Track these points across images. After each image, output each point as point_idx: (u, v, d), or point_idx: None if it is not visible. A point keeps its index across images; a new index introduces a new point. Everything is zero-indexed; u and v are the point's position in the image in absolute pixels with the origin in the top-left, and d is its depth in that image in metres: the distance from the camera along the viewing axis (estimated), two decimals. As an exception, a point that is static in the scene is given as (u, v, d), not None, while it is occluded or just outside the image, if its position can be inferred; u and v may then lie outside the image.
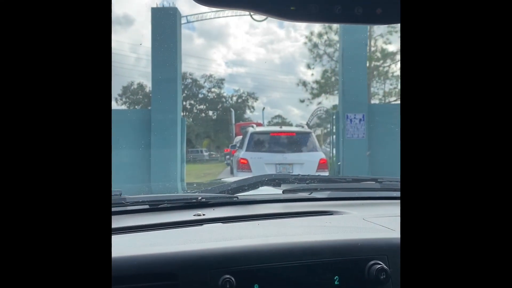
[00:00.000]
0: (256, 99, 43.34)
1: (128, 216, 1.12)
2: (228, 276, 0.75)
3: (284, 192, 1.36)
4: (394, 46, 15.48)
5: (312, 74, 17.69)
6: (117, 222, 1.01)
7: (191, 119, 39.64)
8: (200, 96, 42.14)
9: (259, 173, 5.87)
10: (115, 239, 0.79)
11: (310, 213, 1.15)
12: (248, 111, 42.80)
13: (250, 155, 6.03)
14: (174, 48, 8.06)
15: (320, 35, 16.49)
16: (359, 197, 1.36)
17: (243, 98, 43.02)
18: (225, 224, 1.03)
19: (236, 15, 15.65)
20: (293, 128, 7.42)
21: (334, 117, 8.97)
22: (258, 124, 13.50)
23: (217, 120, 40.31)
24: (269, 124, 24.24)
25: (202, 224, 1.03)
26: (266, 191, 1.47)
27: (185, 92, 41.34)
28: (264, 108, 18.19)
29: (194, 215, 1.09)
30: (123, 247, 0.82)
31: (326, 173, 6.24)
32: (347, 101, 8.06)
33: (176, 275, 0.75)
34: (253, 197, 1.33)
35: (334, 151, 8.81)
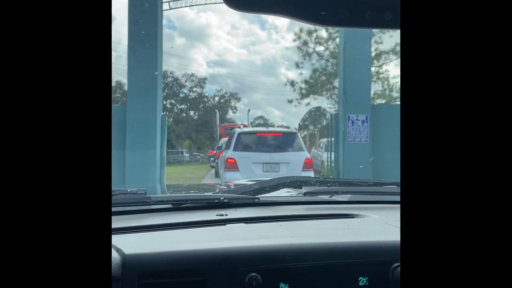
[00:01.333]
0: (238, 99, 42.59)
1: (153, 214, 1.15)
2: (254, 274, 0.77)
3: (305, 194, 1.37)
4: (386, 45, 14.86)
5: (301, 74, 16.80)
6: (142, 220, 1.07)
7: (171, 119, 38.60)
8: (181, 95, 41.17)
9: (246, 172, 5.80)
10: (142, 236, 0.92)
11: (332, 215, 1.16)
12: (230, 112, 42.06)
13: (238, 155, 6.14)
14: (154, 37, 7.14)
15: (309, 33, 15.71)
16: (380, 201, 1.33)
17: (226, 98, 42.17)
18: (247, 225, 1.04)
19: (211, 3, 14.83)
20: (279, 129, 7.49)
21: (331, 118, 8.13)
22: (244, 126, 12.89)
23: (199, 120, 39.43)
24: (253, 125, 23.43)
25: (225, 224, 1.04)
26: (286, 193, 1.47)
27: (166, 91, 40.28)
28: (249, 110, 17.34)
29: (217, 215, 1.09)
30: (151, 244, 0.86)
31: (311, 173, 6.44)
32: (349, 100, 7.23)
33: (203, 271, 0.77)
34: (274, 199, 1.33)
35: (333, 156, 7.96)
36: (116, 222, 0.97)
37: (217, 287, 0.77)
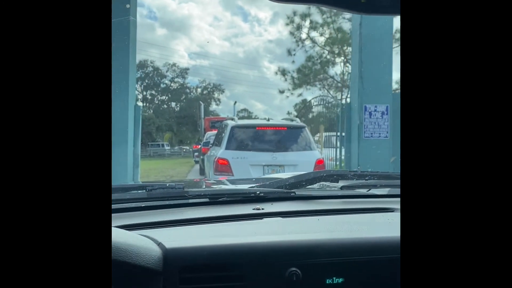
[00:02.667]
0: (222, 91, 41.24)
1: (190, 209, 1.15)
2: (294, 269, 0.76)
3: (342, 188, 1.36)
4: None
5: (293, 62, 15.48)
6: (180, 214, 1.06)
7: (151, 111, 36.96)
8: (162, 86, 39.50)
9: (242, 176, 4.62)
10: (181, 230, 0.92)
11: (371, 209, 1.13)
12: (214, 104, 40.66)
13: (231, 154, 4.92)
14: (126, 24, 5.84)
15: (304, 16, 14.34)
16: None
17: (209, 89, 40.63)
18: (284, 219, 1.03)
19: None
20: (284, 122, 5.77)
21: (341, 109, 6.81)
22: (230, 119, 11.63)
23: (181, 112, 37.90)
24: (238, 118, 22.13)
25: (262, 218, 1.03)
26: (322, 187, 1.47)
27: (146, 81, 38.55)
28: (235, 102, 16.08)
29: (254, 209, 1.08)
30: (191, 238, 0.86)
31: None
32: (366, 87, 5.94)
33: (242, 266, 0.77)
34: (310, 193, 1.32)
35: (343, 155, 6.67)
36: (155, 216, 1.02)
37: (257, 281, 0.76)
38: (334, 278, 0.77)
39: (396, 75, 6.29)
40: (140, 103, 38.08)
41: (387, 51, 6.00)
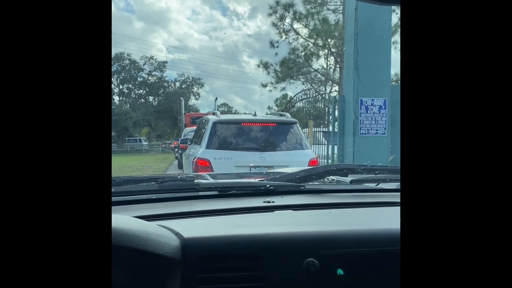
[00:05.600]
0: (202, 85, 40.33)
1: (200, 201, 1.14)
2: (311, 259, 0.77)
3: (351, 182, 1.35)
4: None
5: (276, 54, 14.76)
6: (191, 206, 1.06)
7: (128, 105, 35.84)
8: (140, 79, 38.31)
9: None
10: (194, 221, 0.92)
11: (381, 203, 1.13)
12: (193, 98, 39.77)
13: (213, 154, 4.27)
14: None
15: (287, 6, 13.68)
16: None
17: (187, 83, 39.64)
18: (295, 211, 1.03)
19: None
20: (272, 117, 5.14)
21: (333, 103, 6.25)
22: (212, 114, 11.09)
23: (159, 106, 36.88)
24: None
25: (273, 210, 1.03)
26: (331, 181, 1.49)
27: (122, 74, 37.31)
28: (216, 98, 15.35)
29: (264, 202, 1.09)
30: (206, 228, 0.87)
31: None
32: (362, 79, 5.38)
33: (261, 256, 0.77)
34: (320, 186, 1.33)
35: (335, 152, 6.11)
36: (167, 207, 1.03)
37: (275, 271, 0.77)
38: (349, 268, 0.78)
39: (395, 66, 5.74)
40: (116, 97, 36.86)
41: (386, 38, 5.45)
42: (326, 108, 7.19)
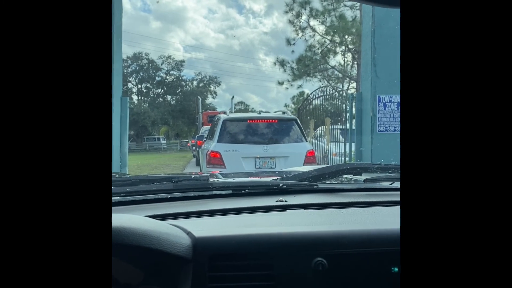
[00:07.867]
0: (218, 84, 40.43)
1: (214, 200, 1.17)
2: (320, 259, 0.77)
3: (365, 181, 1.35)
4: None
5: (293, 51, 14.70)
6: (205, 205, 1.09)
7: (147, 104, 36.23)
8: (158, 79, 38.67)
9: (234, 169, 4.83)
10: (207, 220, 0.94)
11: (395, 202, 1.10)
12: (210, 97, 39.93)
13: (223, 147, 5.00)
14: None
15: (303, 4, 13.57)
16: None
17: (205, 82, 39.82)
18: (308, 211, 1.03)
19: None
20: (274, 114, 6.05)
21: (351, 100, 6.18)
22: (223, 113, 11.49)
23: (177, 105, 37.17)
24: (235, 112, 21.56)
25: (285, 210, 1.03)
26: (345, 180, 1.48)
27: (140, 74, 37.74)
28: (233, 96, 15.47)
29: (277, 201, 1.09)
30: (218, 227, 0.88)
31: (315, 167, 4.15)
32: (380, 76, 5.31)
33: (270, 255, 0.78)
34: (333, 186, 1.32)
35: (352, 150, 6.05)
36: (181, 207, 1.06)
37: (284, 270, 0.77)
38: (360, 268, 0.78)
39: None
40: (135, 96, 37.29)
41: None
42: (343, 106, 7.12)
